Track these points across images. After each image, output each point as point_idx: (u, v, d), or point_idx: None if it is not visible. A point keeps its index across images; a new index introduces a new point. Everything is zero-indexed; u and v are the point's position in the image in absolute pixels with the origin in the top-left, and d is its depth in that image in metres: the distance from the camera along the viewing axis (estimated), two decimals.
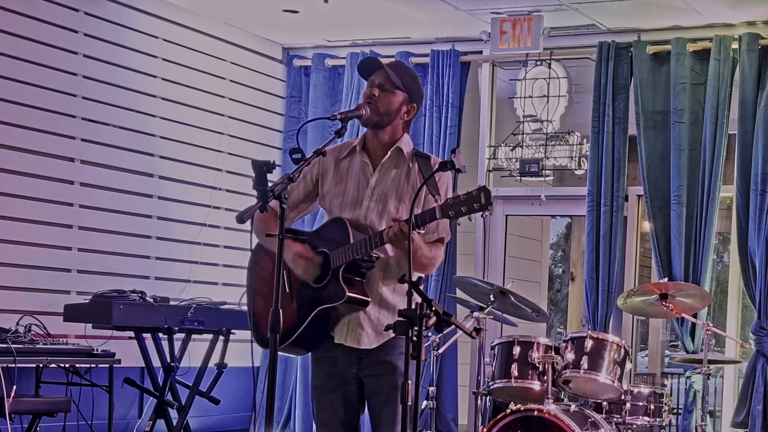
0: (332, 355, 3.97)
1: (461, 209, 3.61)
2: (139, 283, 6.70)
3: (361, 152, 4.02)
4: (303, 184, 4.05)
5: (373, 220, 3.93)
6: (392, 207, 3.93)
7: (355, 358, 3.95)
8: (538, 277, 10.07)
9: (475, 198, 3.58)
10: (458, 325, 3.48)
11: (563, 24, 7.28)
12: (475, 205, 3.58)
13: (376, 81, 3.94)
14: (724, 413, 7.33)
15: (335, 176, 4.02)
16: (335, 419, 4.00)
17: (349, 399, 4.00)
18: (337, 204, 4.00)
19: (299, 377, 7.88)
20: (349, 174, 4.01)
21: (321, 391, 4.03)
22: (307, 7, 7.19)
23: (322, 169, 4.05)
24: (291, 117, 8.21)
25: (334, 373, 3.98)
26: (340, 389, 3.99)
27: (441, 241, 3.96)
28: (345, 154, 4.04)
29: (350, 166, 4.02)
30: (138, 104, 7.01)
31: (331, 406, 4.00)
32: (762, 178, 6.70)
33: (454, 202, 3.62)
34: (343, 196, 3.99)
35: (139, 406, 7.00)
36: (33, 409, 5.63)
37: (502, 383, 5.63)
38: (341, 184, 4.01)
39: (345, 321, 3.93)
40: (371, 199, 3.96)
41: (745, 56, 6.79)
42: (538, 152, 7.46)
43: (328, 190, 4.03)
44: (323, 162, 4.04)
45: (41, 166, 6.37)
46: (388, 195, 3.95)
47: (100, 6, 6.75)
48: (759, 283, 6.65)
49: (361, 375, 3.97)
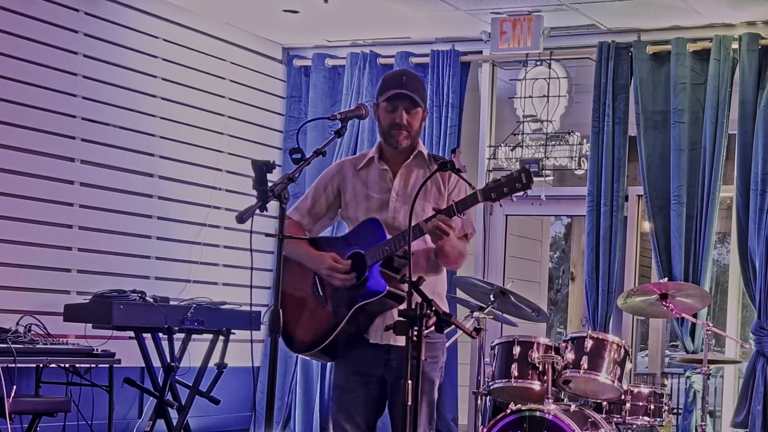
0: (361, 355, 4.03)
1: (503, 190, 3.70)
2: (139, 283, 6.70)
3: (378, 161, 4.11)
4: (324, 197, 4.17)
5: (401, 221, 4.01)
6: (419, 207, 3.97)
7: (383, 360, 4.01)
8: (538, 277, 10.07)
9: (516, 178, 3.68)
10: (458, 325, 3.49)
11: (563, 24, 7.28)
12: (517, 185, 3.68)
13: (405, 106, 4.01)
14: (724, 413, 7.33)
15: (356, 185, 4.12)
16: (357, 418, 4.06)
17: (372, 398, 4.07)
18: (363, 210, 4.08)
19: (299, 377, 7.88)
20: (370, 182, 4.10)
21: (344, 389, 4.08)
22: (307, 7, 7.19)
23: (342, 181, 4.14)
24: (291, 117, 8.21)
25: (360, 372, 4.05)
26: (364, 388, 4.06)
27: (466, 237, 4.05)
28: (363, 165, 4.13)
29: (369, 175, 4.11)
30: (138, 104, 7.01)
31: (353, 405, 4.06)
32: (762, 178, 6.70)
33: (496, 185, 3.71)
34: (368, 202, 4.08)
35: (139, 406, 7.00)
36: (33, 409, 5.63)
37: (502, 383, 5.63)
38: (364, 191, 4.10)
39: (379, 321, 3.99)
40: (396, 201, 4.05)
41: (745, 56, 6.79)
42: (538, 152, 7.46)
43: (351, 199, 4.12)
44: (342, 173, 4.15)
45: (41, 166, 6.37)
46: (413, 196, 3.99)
47: (100, 6, 6.75)
48: (759, 283, 6.65)
49: (386, 376, 4.03)
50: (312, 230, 4.20)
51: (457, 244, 3.97)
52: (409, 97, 4.00)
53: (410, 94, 4.00)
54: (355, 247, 3.99)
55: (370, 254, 3.93)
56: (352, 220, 4.13)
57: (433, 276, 4.04)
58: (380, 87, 4.12)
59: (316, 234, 4.22)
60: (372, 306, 3.92)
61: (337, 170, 4.19)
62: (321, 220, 4.20)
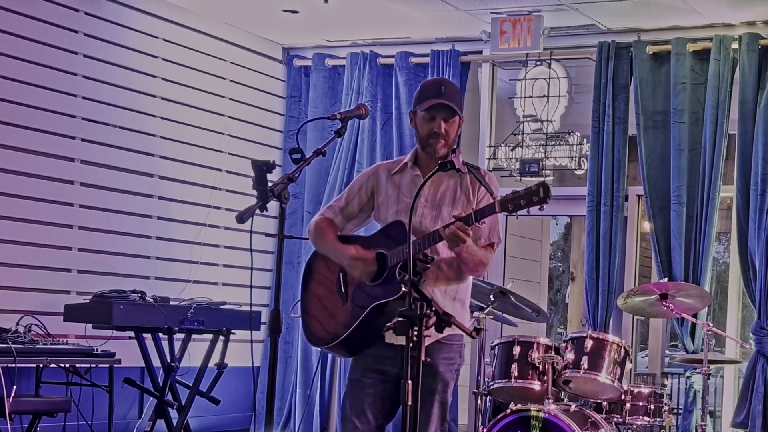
0: (380, 353, 4.07)
1: (520, 203, 3.72)
2: (139, 283, 6.70)
3: (412, 167, 4.17)
4: (358, 198, 4.24)
5: (428, 225, 4.06)
6: (446, 213, 4.06)
7: (400, 359, 4.00)
8: (538, 277, 10.07)
9: (534, 192, 3.69)
10: (458, 325, 3.49)
11: (563, 24, 7.28)
12: (534, 199, 3.69)
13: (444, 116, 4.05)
14: (724, 413, 7.33)
15: (389, 188, 4.18)
16: (369, 414, 4.10)
17: (386, 397, 4.11)
18: (392, 213, 4.14)
19: (299, 377, 7.88)
20: (402, 186, 4.17)
21: (359, 385, 4.13)
22: (307, 7, 7.19)
23: (376, 183, 4.22)
24: (291, 117, 8.22)
25: (377, 369, 4.10)
26: (379, 385, 4.10)
27: (492, 246, 4.11)
28: (397, 170, 4.20)
29: (402, 180, 4.18)
30: (138, 104, 7.01)
31: (366, 401, 4.10)
32: (762, 178, 6.70)
33: (514, 197, 3.74)
34: (398, 205, 4.14)
35: (139, 406, 7.00)
36: (33, 409, 5.63)
37: (502, 383, 5.63)
38: (395, 195, 4.16)
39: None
40: (425, 207, 4.10)
41: (745, 56, 6.79)
42: (538, 152, 7.46)
43: (383, 201, 4.19)
44: (377, 176, 4.23)
45: (41, 166, 6.37)
46: (442, 202, 4.10)
47: (100, 6, 6.75)
48: (759, 283, 6.65)
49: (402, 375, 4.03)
50: (344, 229, 4.28)
51: (477, 251, 4.01)
52: (448, 107, 4.04)
53: (450, 104, 4.05)
54: (379, 247, 4.05)
55: (392, 255, 3.98)
56: (383, 223, 4.20)
57: (455, 284, 4.12)
58: (418, 95, 4.15)
59: (349, 231, 4.31)
60: (390, 306, 3.95)
61: (373, 173, 4.26)
62: (353, 219, 4.27)
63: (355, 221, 4.29)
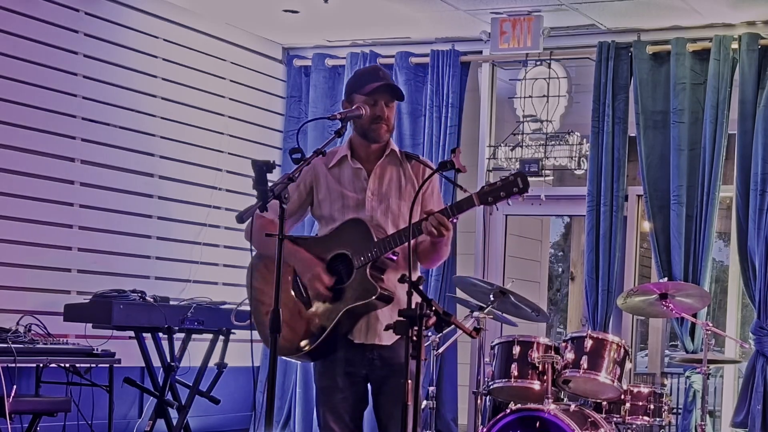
0: (347, 355, 4.01)
1: (500, 194, 3.70)
2: (139, 283, 6.70)
3: (351, 160, 4.07)
4: (297, 194, 4.08)
5: (379, 219, 3.99)
6: (394, 205, 4.00)
7: (368, 359, 3.99)
8: (538, 277, 10.07)
9: (512, 182, 3.69)
10: (458, 325, 3.48)
11: (563, 24, 7.28)
12: (514, 189, 3.68)
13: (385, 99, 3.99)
14: (724, 413, 7.33)
15: (330, 183, 4.07)
16: (346, 418, 4.05)
17: (358, 398, 4.07)
18: (337, 208, 4.04)
19: (299, 377, 7.88)
20: (344, 180, 4.06)
21: (330, 391, 4.05)
22: (307, 7, 7.19)
23: (315, 178, 4.09)
24: (291, 117, 8.22)
25: (346, 372, 4.02)
26: (351, 389, 4.04)
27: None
28: (334, 163, 4.09)
29: (342, 174, 4.07)
30: (138, 104, 7.01)
31: (342, 406, 4.04)
32: (762, 178, 6.70)
33: (492, 189, 3.71)
34: (343, 200, 4.04)
35: (139, 406, 7.00)
36: (33, 409, 5.63)
37: (502, 383, 5.63)
38: (338, 189, 4.05)
39: (363, 321, 3.97)
40: (372, 200, 4.02)
41: (745, 56, 6.79)
42: (538, 152, 7.46)
43: (325, 197, 4.08)
44: (314, 171, 4.09)
45: (41, 166, 6.37)
46: (389, 194, 4.02)
47: (100, 6, 6.75)
48: (759, 283, 6.66)
49: (370, 375, 4.02)
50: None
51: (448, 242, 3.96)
52: (390, 90, 3.97)
53: (394, 84, 4.00)
54: (339, 247, 3.94)
55: (358, 256, 3.89)
56: (326, 218, 4.08)
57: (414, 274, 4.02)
58: (356, 82, 4.04)
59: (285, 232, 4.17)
60: (359, 307, 3.90)
61: (310, 168, 4.09)
62: (292, 216, 4.12)
63: (293, 219, 4.14)
